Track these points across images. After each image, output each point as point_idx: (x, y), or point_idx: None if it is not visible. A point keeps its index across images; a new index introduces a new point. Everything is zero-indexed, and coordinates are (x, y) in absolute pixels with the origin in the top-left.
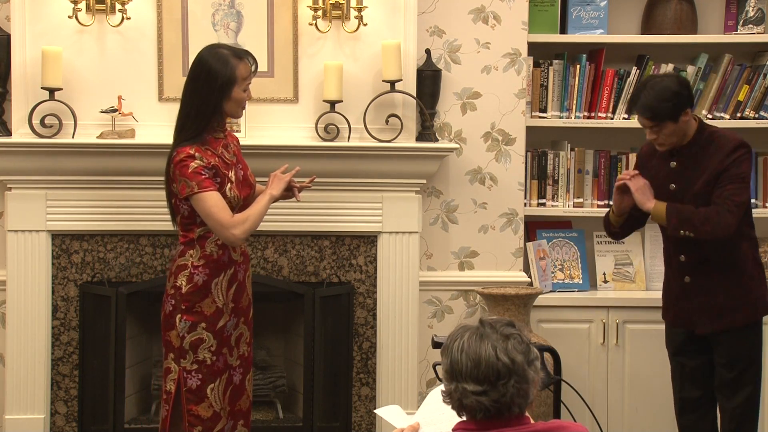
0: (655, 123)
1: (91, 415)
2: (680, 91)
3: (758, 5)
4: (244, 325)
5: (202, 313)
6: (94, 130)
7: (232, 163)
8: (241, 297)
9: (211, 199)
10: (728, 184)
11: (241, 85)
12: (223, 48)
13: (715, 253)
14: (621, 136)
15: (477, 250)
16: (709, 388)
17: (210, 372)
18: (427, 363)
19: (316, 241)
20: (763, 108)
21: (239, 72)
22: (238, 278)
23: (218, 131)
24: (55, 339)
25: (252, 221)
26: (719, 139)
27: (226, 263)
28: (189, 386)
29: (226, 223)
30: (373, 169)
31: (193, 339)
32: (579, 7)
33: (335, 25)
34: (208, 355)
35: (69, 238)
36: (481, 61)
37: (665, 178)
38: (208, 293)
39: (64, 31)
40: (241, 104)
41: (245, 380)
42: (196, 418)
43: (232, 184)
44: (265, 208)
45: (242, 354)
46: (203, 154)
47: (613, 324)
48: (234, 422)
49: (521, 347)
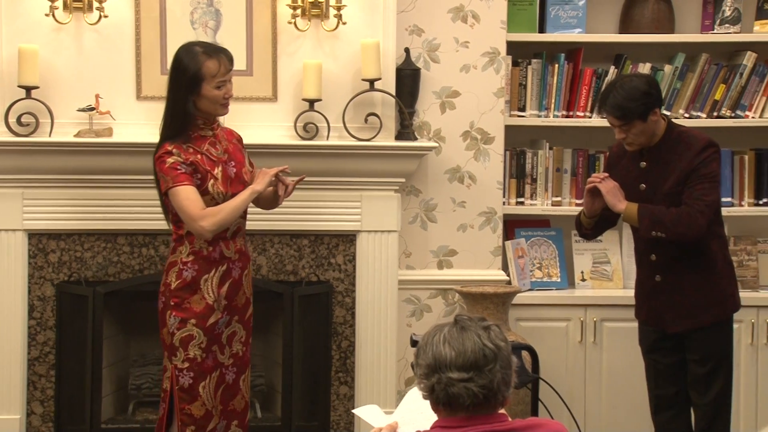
0: (624, 122)
1: (67, 416)
2: (649, 91)
3: (734, 5)
4: (238, 324)
5: (191, 309)
6: (72, 129)
7: (220, 160)
8: (235, 295)
9: (183, 192)
10: (698, 184)
11: (211, 83)
12: (197, 45)
13: (686, 252)
14: (599, 135)
15: (456, 248)
16: (683, 386)
17: (200, 369)
18: (405, 362)
19: (295, 239)
20: (740, 107)
21: (207, 68)
22: (233, 275)
23: (205, 129)
24: (32, 339)
25: (224, 214)
26: (688, 139)
27: (218, 260)
28: (181, 385)
29: (195, 215)
30: (352, 167)
31: (183, 335)
32: (557, 7)
33: (314, 24)
34: (198, 352)
35: (46, 237)
36: (460, 60)
37: (635, 178)
38: (197, 289)
39: (41, 29)
40: (216, 102)
41: (240, 380)
42: (189, 417)
43: (216, 180)
44: (243, 203)
45: (236, 353)
46: (181, 150)
47: (591, 322)
48: (228, 422)
49: (502, 335)
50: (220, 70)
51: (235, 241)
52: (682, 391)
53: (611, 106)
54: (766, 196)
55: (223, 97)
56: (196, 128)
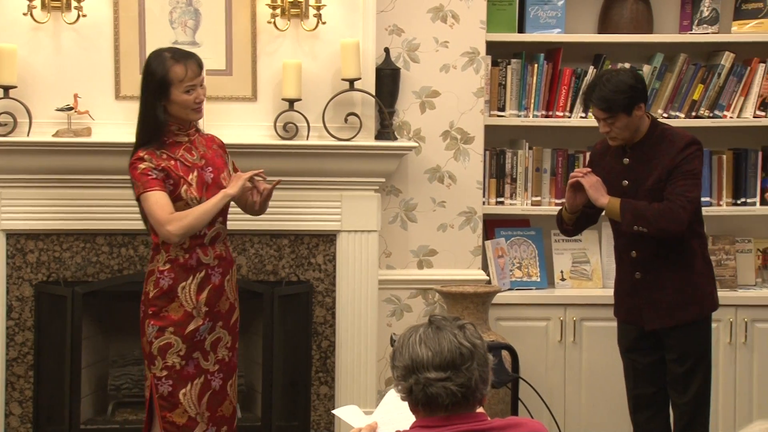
0: (609, 115)
1: (46, 417)
2: (635, 85)
3: (712, 5)
4: (223, 330)
5: (169, 318)
6: (50, 129)
7: (195, 165)
8: (217, 301)
9: (152, 197)
10: (680, 181)
11: (179, 87)
12: (167, 51)
13: (666, 250)
14: (578, 135)
15: (436, 248)
16: (662, 385)
17: (180, 377)
18: (386, 362)
19: (275, 239)
20: (718, 107)
21: (174, 73)
22: (212, 282)
23: (180, 135)
24: (10, 339)
25: (191, 218)
26: (671, 136)
27: (195, 267)
28: (161, 393)
29: (162, 220)
30: (332, 167)
31: (161, 344)
32: (537, 7)
33: (294, 24)
34: (177, 360)
35: (24, 237)
36: (439, 60)
37: (618, 174)
38: (174, 297)
39: (18, 28)
40: (187, 107)
41: (227, 385)
42: (172, 425)
43: (190, 186)
44: (213, 206)
45: (222, 359)
46: (153, 156)
47: (571, 321)
48: (217, 428)
49: (477, 334)
50: (188, 75)
51: (214, 247)
52: (661, 391)
53: (597, 98)
54: (744, 196)
55: (194, 101)
56: (171, 134)
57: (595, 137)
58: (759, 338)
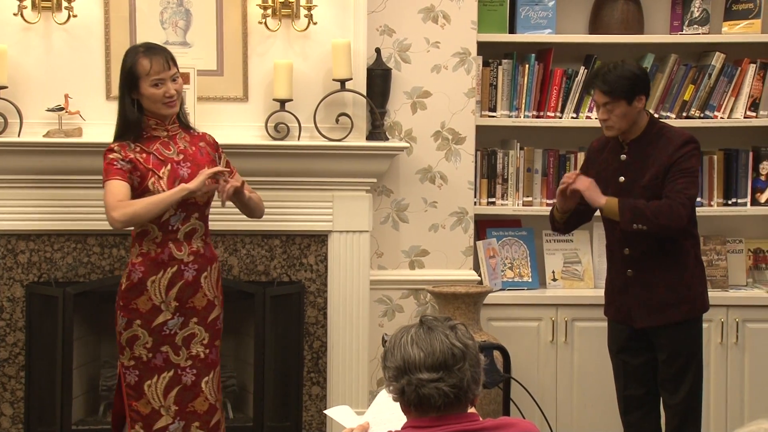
0: (610, 99)
1: (37, 417)
2: (640, 75)
3: (703, 6)
4: (198, 326)
5: (137, 310)
6: (41, 129)
7: (170, 160)
8: (191, 297)
9: (110, 186)
10: (679, 179)
11: (146, 81)
12: (141, 45)
13: (659, 248)
14: (569, 135)
15: (427, 248)
16: (652, 386)
17: (147, 369)
18: (377, 362)
19: (267, 240)
20: (708, 107)
21: (141, 66)
22: (185, 278)
23: (158, 129)
24: (1, 340)
25: (138, 207)
26: (669, 134)
27: (166, 261)
28: (128, 382)
29: (109, 206)
30: (324, 168)
31: (129, 336)
32: (527, 7)
33: (285, 24)
34: (143, 352)
35: (15, 237)
36: (431, 61)
37: (615, 170)
38: (143, 290)
39: (9, 28)
40: (156, 100)
41: (201, 382)
42: (137, 413)
43: (159, 179)
44: (165, 198)
45: (195, 355)
46: (123, 148)
47: (562, 322)
48: (187, 423)
49: (468, 334)
50: (153, 68)
51: (190, 243)
52: (652, 392)
53: (601, 81)
54: (735, 196)
55: (163, 95)
56: (149, 128)
57: (586, 137)
58: (750, 338)
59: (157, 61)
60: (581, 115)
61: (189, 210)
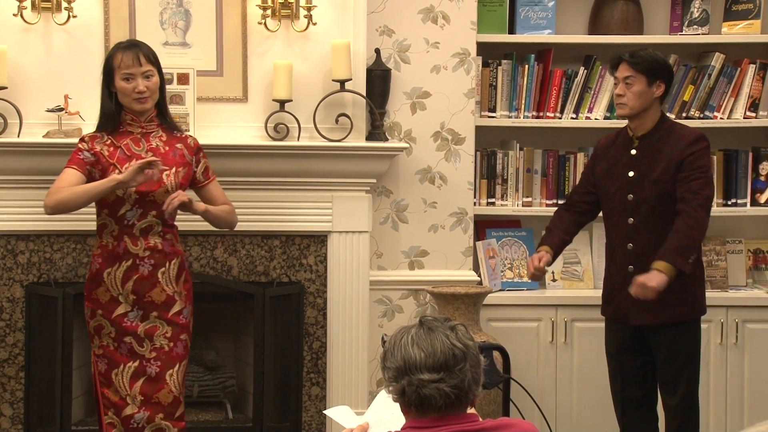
0: (633, 73)
1: (37, 418)
2: (667, 64)
3: (703, 6)
4: (159, 320)
5: (98, 301)
6: (40, 130)
7: (136, 156)
8: (147, 291)
9: (63, 172)
10: (694, 180)
11: (119, 74)
12: (126, 40)
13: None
14: (569, 136)
15: (427, 249)
16: (650, 388)
17: (114, 358)
18: (377, 362)
19: (266, 240)
20: (708, 108)
21: (115, 60)
22: (140, 272)
23: (133, 125)
24: (1, 341)
25: (67, 194)
26: (680, 130)
27: (121, 255)
28: (99, 369)
29: (49, 191)
30: (323, 168)
31: (95, 325)
32: (527, 8)
33: (284, 24)
34: (110, 341)
35: (15, 238)
36: (430, 61)
37: (624, 165)
38: (101, 282)
39: (8, 29)
40: (127, 95)
41: (166, 374)
42: (108, 400)
43: (119, 173)
44: (93, 188)
45: (160, 347)
46: (93, 141)
47: (562, 322)
48: (151, 413)
49: (468, 334)
50: (123, 62)
51: (147, 238)
52: (649, 393)
53: (630, 54)
54: (735, 197)
55: (133, 90)
56: (125, 123)
57: (585, 138)
58: (750, 339)
59: (128, 56)
60: (581, 115)
61: (147, 207)
